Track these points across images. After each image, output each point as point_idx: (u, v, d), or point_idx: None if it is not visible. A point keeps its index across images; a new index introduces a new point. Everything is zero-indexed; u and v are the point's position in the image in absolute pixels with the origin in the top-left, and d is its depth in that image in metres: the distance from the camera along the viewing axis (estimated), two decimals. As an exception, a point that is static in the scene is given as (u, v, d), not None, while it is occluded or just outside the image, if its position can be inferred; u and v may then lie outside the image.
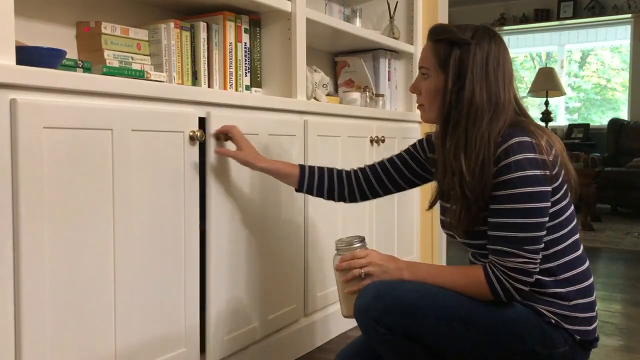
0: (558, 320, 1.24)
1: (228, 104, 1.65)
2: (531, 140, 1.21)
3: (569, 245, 1.27)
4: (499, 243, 1.22)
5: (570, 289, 1.26)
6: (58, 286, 1.22)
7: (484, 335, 1.23)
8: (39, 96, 1.18)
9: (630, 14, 6.47)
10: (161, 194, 1.44)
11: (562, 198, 1.26)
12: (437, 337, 1.23)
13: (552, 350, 1.23)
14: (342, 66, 2.73)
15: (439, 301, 1.23)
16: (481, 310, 1.24)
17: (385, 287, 1.24)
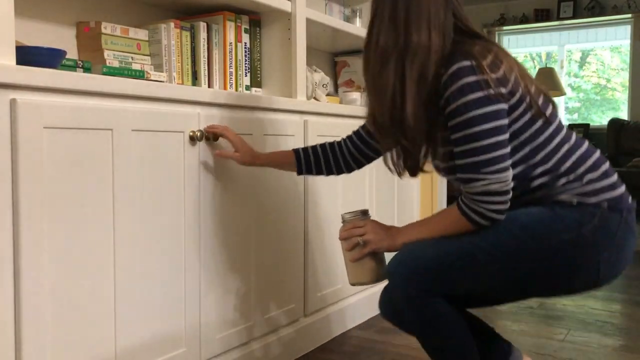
0: (579, 200, 1.23)
1: (228, 104, 1.65)
2: (470, 64, 1.18)
3: (557, 143, 1.27)
4: (462, 171, 1.23)
5: (577, 172, 1.25)
6: (58, 286, 1.22)
7: (510, 253, 1.23)
8: (39, 96, 1.18)
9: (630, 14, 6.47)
10: (161, 194, 1.44)
11: (528, 108, 1.24)
12: (467, 279, 1.26)
13: (580, 230, 1.21)
14: (342, 66, 2.73)
15: (455, 243, 1.26)
16: (496, 232, 1.24)
17: (404, 253, 1.31)
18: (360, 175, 2.28)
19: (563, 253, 1.23)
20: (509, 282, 1.27)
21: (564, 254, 1.23)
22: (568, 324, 2.33)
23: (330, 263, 2.12)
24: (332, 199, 2.11)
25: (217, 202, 1.61)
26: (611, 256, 1.24)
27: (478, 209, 1.22)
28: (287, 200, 1.89)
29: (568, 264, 1.23)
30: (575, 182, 1.24)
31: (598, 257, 1.23)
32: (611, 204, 1.24)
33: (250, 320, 1.75)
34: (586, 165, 1.27)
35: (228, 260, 1.66)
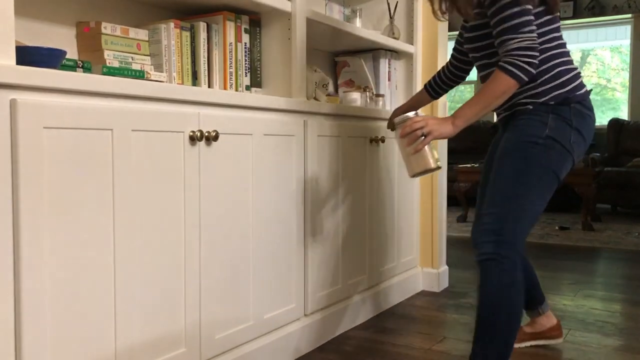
0: (531, 102, 1.61)
1: (228, 104, 1.65)
2: None
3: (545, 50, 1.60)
4: (500, 36, 1.53)
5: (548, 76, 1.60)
6: (58, 286, 1.22)
7: (529, 178, 1.56)
8: (39, 96, 1.18)
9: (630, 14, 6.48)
10: (161, 194, 1.44)
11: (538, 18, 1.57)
12: (529, 218, 1.57)
13: (545, 130, 1.57)
14: (342, 66, 2.73)
15: (503, 206, 1.56)
16: (509, 176, 1.58)
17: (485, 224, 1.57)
18: (360, 176, 2.28)
19: (551, 138, 1.58)
20: (545, 194, 1.59)
21: (553, 139, 1.58)
22: (568, 324, 2.33)
23: (330, 263, 2.12)
24: (333, 198, 2.11)
25: (217, 202, 1.61)
26: (576, 138, 1.61)
27: (515, 62, 1.49)
28: (288, 199, 1.89)
29: (560, 144, 1.58)
30: (540, 87, 1.60)
31: (569, 138, 1.59)
32: (558, 100, 1.59)
33: (250, 320, 1.75)
34: (544, 67, 1.60)
35: (228, 260, 1.66)
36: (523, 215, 1.56)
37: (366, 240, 2.35)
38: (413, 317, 2.41)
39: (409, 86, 2.81)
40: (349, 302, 2.24)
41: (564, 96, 1.59)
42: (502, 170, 1.60)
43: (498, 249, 1.54)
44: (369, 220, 2.37)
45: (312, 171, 1.99)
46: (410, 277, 2.74)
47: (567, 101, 1.60)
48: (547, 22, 1.60)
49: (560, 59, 1.62)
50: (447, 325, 2.31)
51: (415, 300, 2.68)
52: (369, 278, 2.37)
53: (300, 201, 1.95)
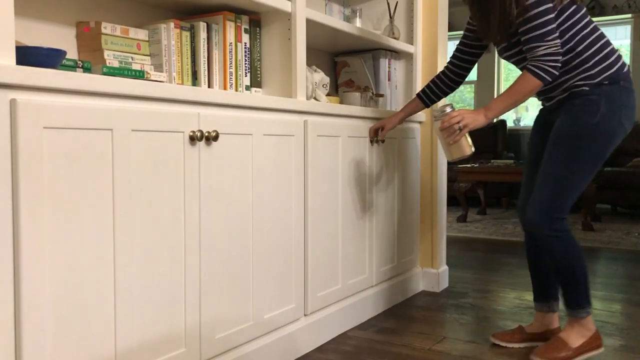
0: (590, 84, 1.82)
1: (228, 104, 1.65)
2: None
3: (584, 36, 1.82)
4: (528, 43, 1.78)
5: (595, 60, 1.82)
6: (58, 286, 1.22)
7: (575, 151, 1.81)
8: (39, 96, 1.18)
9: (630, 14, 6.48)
10: (161, 194, 1.44)
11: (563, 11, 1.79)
12: (576, 188, 1.83)
13: (598, 109, 1.80)
14: (342, 66, 2.73)
15: (553, 180, 1.83)
16: (562, 155, 1.83)
17: (535, 202, 1.85)
18: (360, 176, 2.28)
19: (595, 129, 1.80)
20: (592, 168, 1.83)
21: (596, 130, 1.80)
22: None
23: (330, 263, 2.12)
24: (332, 198, 2.11)
25: (217, 202, 1.61)
26: (626, 113, 1.83)
27: (543, 66, 1.76)
28: (288, 199, 1.89)
29: (609, 132, 1.81)
30: (591, 70, 1.81)
31: (619, 119, 1.81)
32: (610, 80, 1.81)
33: (250, 320, 1.75)
34: (595, 49, 1.82)
35: (228, 259, 1.66)
36: (572, 195, 1.84)
37: (366, 240, 2.35)
38: (413, 317, 2.41)
39: (408, 86, 2.81)
40: (349, 302, 2.24)
41: (613, 76, 1.81)
42: (556, 155, 1.84)
43: (554, 227, 1.84)
44: (369, 220, 2.37)
45: (312, 171, 1.99)
46: (410, 277, 2.74)
47: (617, 79, 1.82)
48: (575, 11, 1.81)
49: (603, 40, 1.84)
50: (447, 325, 2.31)
51: (415, 300, 2.68)
52: (368, 278, 2.37)
53: (300, 201, 1.95)
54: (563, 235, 1.85)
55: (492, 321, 2.37)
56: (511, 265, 3.49)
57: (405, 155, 2.80)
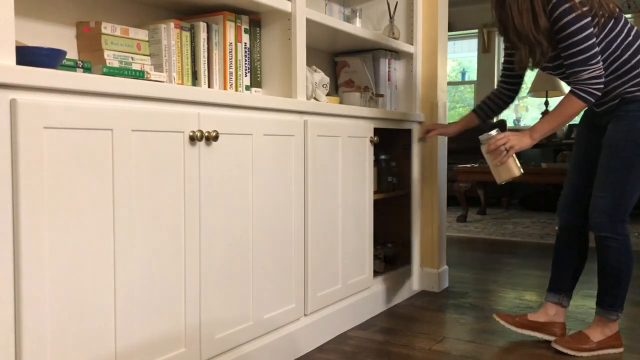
0: None
1: (228, 104, 1.65)
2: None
3: (629, 51, 1.90)
4: (571, 68, 1.84)
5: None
6: (58, 286, 1.22)
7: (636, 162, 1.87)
8: (39, 96, 1.18)
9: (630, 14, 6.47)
10: (161, 194, 1.44)
11: (604, 26, 1.87)
12: (634, 195, 1.91)
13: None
14: (342, 66, 2.73)
15: (612, 184, 1.90)
16: (618, 159, 1.89)
17: (598, 207, 1.93)
18: (360, 175, 2.29)
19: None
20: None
21: None
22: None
23: (330, 263, 2.12)
24: (332, 198, 2.11)
25: (217, 202, 1.61)
26: None
27: (588, 89, 1.82)
28: (288, 199, 1.89)
29: None
30: (636, 76, 1.87)
31: None
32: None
33: (250, 320, 1.75)
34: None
35: (228, 259, 1.66)
36: (634, 198, 1.91)
37: (366, 240, 2.35)
38: (413, 317, 2.41)
39: (408, 86, 2.81)
40: (349, 302, 2.24)
41: None
42: (616, 161, 1.90)
43: (616, 230, 1.93)
44: (369, 220, 2.36)
45: (312, 171, 1.99)
46: (410, 277, 2.74)
47: None
48: (616, 21, 1.91)
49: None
50: (447, 325, 2.31)
51: (415, 300, 2.68)
52: (368, 278, 2.37)
53: (300, 201, 1.95)
54: (622, 239, 1.94)
55: (492, 321, 2.37)
56: (511, 265, 3.49)
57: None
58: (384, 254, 2.68)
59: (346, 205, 2.20)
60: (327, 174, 2.08)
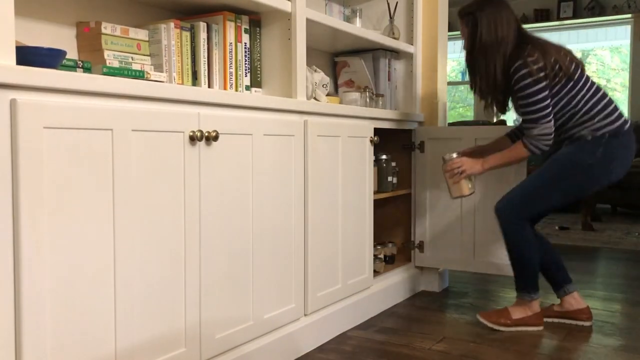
0: (592, 135, 2.10)
1: (228, 104, 1.65)
2: (525, 59, 2.06)
3: (581, 97, 2.11)
4: (525, 122, 2.12)
5: (592, 115, 2.10)
6: (58, 286, 1.22)
7: (560, 181, 2.12)
8: (39, 96, 1.18)
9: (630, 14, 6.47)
10: (161, 193, 1.44)
11: (561, 76, 2.09)
12: (541, 202, 2.17)
13: (595, 155, 2.08)
14: (342, 66, 2.73)
15: (530, 184, 2.17)
16: (552, 173, 2.14)
17: (505, 198, 2.19)
18: (360, 176, 2.28)
19: (589, 169, 2.10)
20: (567, 194, 2.15)
21: (590, 170, 2.10)
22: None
23: (330, 263, 2.12)
24: (332, 198, 2.11)
25: (217, 202, 1.61)
26: (617, 165, 2.11)
27: (537, 144, 2.10)
28: (288, 199, 1.89)
29: (594, 175, 2.11)
30: (589, 122, 2.10)
31: (610, 167, 2.10)
32: (611, 133, 2.09)
33: (250, 320, 1.75)
34: (597, 109, 2.10)
35: (228, 259, 1.66)
36: (538, 206, 2.17)
37: (366, 240, 2.35)
38: (413, 317, 2.41)
39: (408, 86, 2.81)
40: (349, 302, 2.24)
41: (615, 130, 2.09)
42: (545, 169, 2.16)
43: (511, 217, 2.16)
44: (369, 220, 2.36)
45: (312, 171, 1.99)
46: (410, 277, 2.74)
47: (617, 134, 2.10)
48: (578, 78, 2.12)
49: (606, 99, 2.13)
50: (447, 325, 2.31)
51: (415, 300, 2.68)
52: (368, 278, 2.37)
53: (300, 201, 1.95)
54: (517, 228, 2.17)
55: (492, 321, 2.36)
56: (511, 265, 3.49)
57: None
58: (384, 254, 2.67)
59: (346, 205, 2.20)
60: (327, 174, 2.08)
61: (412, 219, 2.78)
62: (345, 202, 2.19)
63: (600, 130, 2.09)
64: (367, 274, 2.37)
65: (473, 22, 2.17)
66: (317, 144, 2.01)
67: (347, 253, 2.22)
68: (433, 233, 2.71)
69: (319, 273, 2.06)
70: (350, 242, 2.23)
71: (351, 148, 2.22)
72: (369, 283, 2.38)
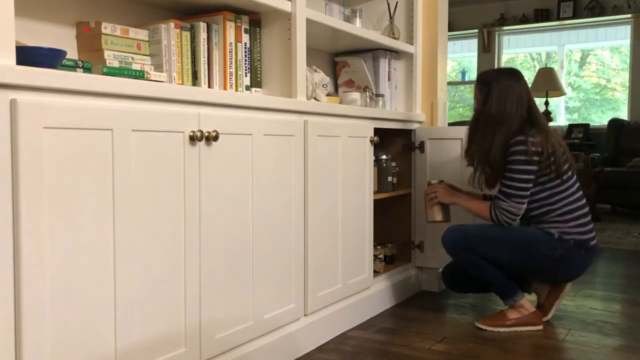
0: (559, 235, 2.16)
1: (228, 104, 1.65)
2: (527, 138, 2.12)
3: (563, 197, 2.17)
4: (501, 194, 2.19)
5: (566, 218, 2.17)
6: (58, 286, 1.22)
7: (515, 247, 2.17)
8: (39, 96, 1.18)
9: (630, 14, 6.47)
10: (161, 194, 1.44)
11: (550, 180, 2.16)
12: (494, 253, 2.19)
13: (554, 252, 2.15)
14: (342, 66, 2.73)
15: (489, 235, 2.20)
16: (513, 234, 2.19)
17: (462, 233, 2.22)
18: (360, 176, 2.28)
19: (542, 260, 2.18)
20: (511, 262, 2.20)
21: (542, 260, 2.18)
22: (568, 324, 2.33)
23: (330, 263, 2.12)
24: (332, 198, 2.11)
25: (217, 202, 1.61)
26: (567, 271, 2.23)
27: (500, 216, 2.19)
28: (289, 199, 1.89)
29: (542, 266, 2.20)
30: (561, 224, 2.17)
31: (558, 269, 2.21)
32: (577, 243, 2.17)
33: (250, 320, 1.75)
34: (573, 215, 2.18)
35: (228, 259, 1.66)
36: (487, 246, 2.19)
37: (366, 240, 2.35)
38: (413, 317, 2.41)
39: (409, 86, 2.82)
40: (349, 302, 2.24)
41: (581, 241, 2.17)
42: (513, 233, 2.20)
43: (464, 245, 2.21)
44: (369, 220, 2.36)
45: (312, 171, 1.99)
46: (410, 277, 2.74)
47: (582, 246, 2.17)
48: (561, 182, 2.16)
49: (585, 209, 2.20)
50: (447, 325, 2.31)
51: (415, 300, 2.68)
52: (368, 278, 2.37)
53: (300, 201, 1.95)
54: (467, 255, 2.21)
55: (492, 321, 2.36)
56: (511, 265, 3.49)
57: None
58: (384, 254, 2.67)
59: (346, 205, 2.19)
60: (327, 174, 2.08)
61: (412, 219, 2.79)
62: (345, 202, 2.19)
63: (568, 235, 2.15)
64: (367, 274, 2.37)
65: (487, 91, 2.21)
66: (317, 144, 2.01)
67: (347, 253, 2.22)
68: (433, 233, 2.71)
69: (319, 273, 2.06)
70: (350, 242, 2.23)
71: (351, 148, 2.22)
72: (369, 283, 2.38)
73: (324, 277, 2.08)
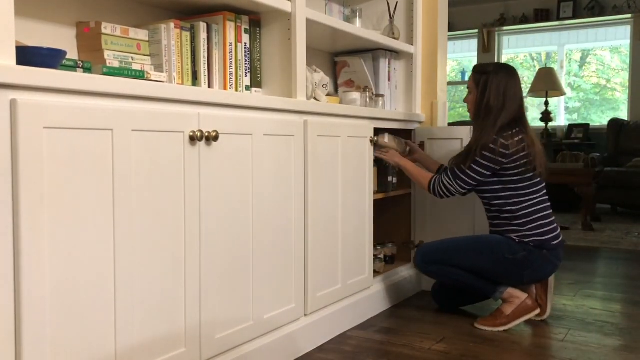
0: (520, 239, 2.24)
1: (228, 104, 1.65)
2: (504, 141, 2.18)
3: (528, 198, 2.24)
4: (450, 170, 2.29)
5: (526, 221, 2.24)
6: (58, 286, 1.22)
7: (479, 251, 2.27)
8: (39, 96, 1.18)
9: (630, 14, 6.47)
10: (161, 193, 1.44)
11: (517, 182, 2.23)
12: (458, 260, 2.29)
13: (515, 255, 2.23)
14: (342, 66, 2.73)
15: (455, 244, 2.33)
16: (476, 240, 2.32)
17: (427, 248, 2.38)
18: (360, 176, 2.28)
19: (506, 262, 2.25)
20: (476, 267, 2.28)
21: (506, 263, 2.25)
22: (568, 324, 2.33)
23: (330, 263, 2.12)
24: (333, 198, 2.11)
25: (217, 202, 1.61)
26: (532, 273, 2.27)
27: (437, 188, 2.32)
28: (288, 200, 1.89)
29: (506, 270, 2.27)
30: (520, 227, 2.25)
31: (522, 271, 2.26)
32: (536, 244, 2.23)
33: (250, 320, 1.75)
34: (530, 219, 2.24)
35: (228, 259, 1.66)
36: (454, 257, 2.30)
37: (366, 240, 2.35)
38: (413, 317, 2.41)
39: (408, 86, 2.82)
40: (349, 302, 2.24)
41: (541, 243, 2.23)
42: (470, 236, 2.40)
43: (430, 257, 2.35)
44: (369, 220, 2.36)
45: (312, 171, 1.99)
46: (411, 277, 2.74)
47: (542, 247, 2.23)
48: (532, 185, 2.23)
49: (544, 213, 2.25)
50: (447, 325, 2.31)
51: (415, 300, 2.68)
52: (368, 278, 2.37)
53: (300, 201, 1.95)
54: (436, 269, 2.34)
55: (492, 321, 2.36)
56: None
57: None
58: (384, 254, 2.67)
59: (346, 205, 2.20)
60: (327, 174, 2.08)
61: (412, 219, 2.79)
62: (345, 202, 2.19)
63: (527, 238, 2.22)
64: (367, 274, 2.37)
65: (484, 83, 2.24)
66: (317, 144, 2.01)
67: (347, 253, 2.22)
68: (433, 233, 2.71)
69: (319, 273, 2.06)
70: (350, 242, 2.23)
71: (351, 148, 2.22)
72: (369, 283, 2.38)
73: (324, 277, 2.08)
